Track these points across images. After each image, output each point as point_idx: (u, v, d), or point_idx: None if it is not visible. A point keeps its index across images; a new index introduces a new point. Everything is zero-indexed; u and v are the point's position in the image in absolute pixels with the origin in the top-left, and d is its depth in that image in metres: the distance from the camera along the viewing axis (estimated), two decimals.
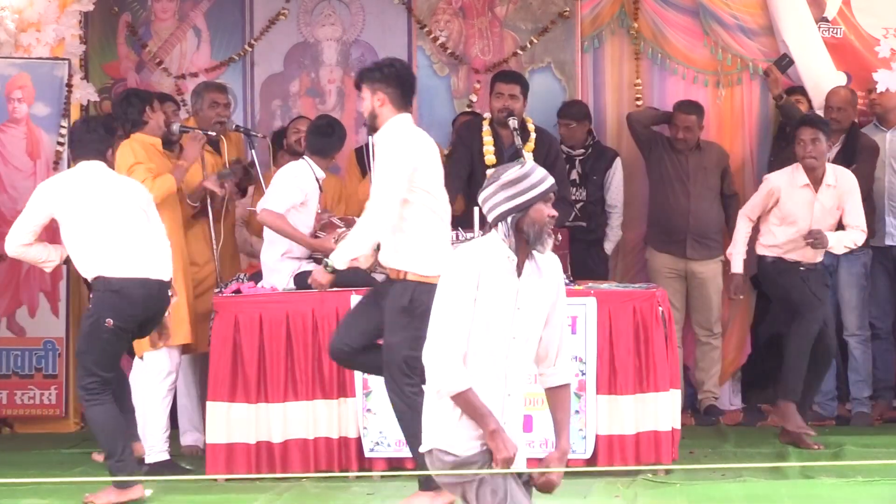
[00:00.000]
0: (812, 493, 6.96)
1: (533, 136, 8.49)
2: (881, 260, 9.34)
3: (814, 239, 8.34)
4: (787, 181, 8.50)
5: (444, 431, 4.61)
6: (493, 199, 4.66)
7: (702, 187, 9.34)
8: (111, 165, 7.33)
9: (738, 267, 8.68)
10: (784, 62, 9.38)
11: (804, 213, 8.45)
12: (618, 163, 9.52)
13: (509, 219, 4.62)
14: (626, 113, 9.62)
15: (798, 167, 8.48)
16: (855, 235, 8.50)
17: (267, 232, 7.82)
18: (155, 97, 8.14)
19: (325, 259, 6.81)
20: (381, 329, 6.73)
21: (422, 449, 4.66)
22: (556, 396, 4.79)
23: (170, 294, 7.13)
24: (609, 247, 9.50)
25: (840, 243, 8.47)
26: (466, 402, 4.55)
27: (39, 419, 9.18)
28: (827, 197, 8.46)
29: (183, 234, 7.99)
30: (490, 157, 8.45)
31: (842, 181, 8.49)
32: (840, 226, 8.53)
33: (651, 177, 9.46)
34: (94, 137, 7.16)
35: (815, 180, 8.45)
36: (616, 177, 9.50)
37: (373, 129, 6.79)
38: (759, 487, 7.09)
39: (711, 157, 9.40)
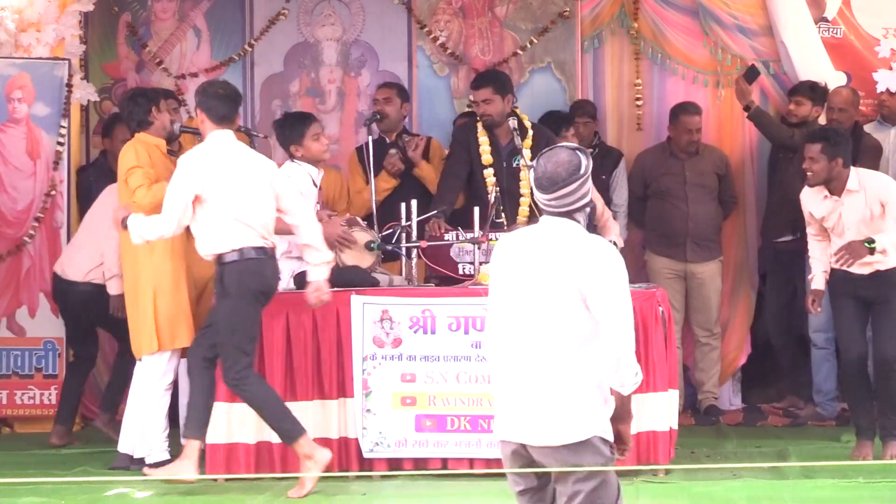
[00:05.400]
0: (812, 494, 6.95)
1: (530, 132, 8.49)
2: None
3: (840, 257, 7.77)
4: (809, 196, 7.97)
5: (604, 420, 4.60)
6: (581, 189, 4.61)
7: (699, 191, 9.36)
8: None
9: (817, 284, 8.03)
10: (752, 73, 9.34)
11: (836, 223, 7.88)
12: (623, 163, 9.55)
13: (588, 209, 4.66)
14: (627, 112, 9.71)
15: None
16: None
17: None
18: (161, 96, 8.14)
19: None
20: None
21: (581, 437, 4.55)
22: None
23: None
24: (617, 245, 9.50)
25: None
26: (629, 397, 4.61)
27: (39, 419, 9.16)
28: (855, 202, 7.80)
29: (185, 238, 7.96)
30: (487, 157, 8.47)
31: (867, 184, 7.82)
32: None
33: (650, 183, 9.48)
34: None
35: (837, 189, 7.82)
36: (621, 177, 9.54)
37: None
38: (759, 487, 7.08)
39: (708, 162, 9.42)
